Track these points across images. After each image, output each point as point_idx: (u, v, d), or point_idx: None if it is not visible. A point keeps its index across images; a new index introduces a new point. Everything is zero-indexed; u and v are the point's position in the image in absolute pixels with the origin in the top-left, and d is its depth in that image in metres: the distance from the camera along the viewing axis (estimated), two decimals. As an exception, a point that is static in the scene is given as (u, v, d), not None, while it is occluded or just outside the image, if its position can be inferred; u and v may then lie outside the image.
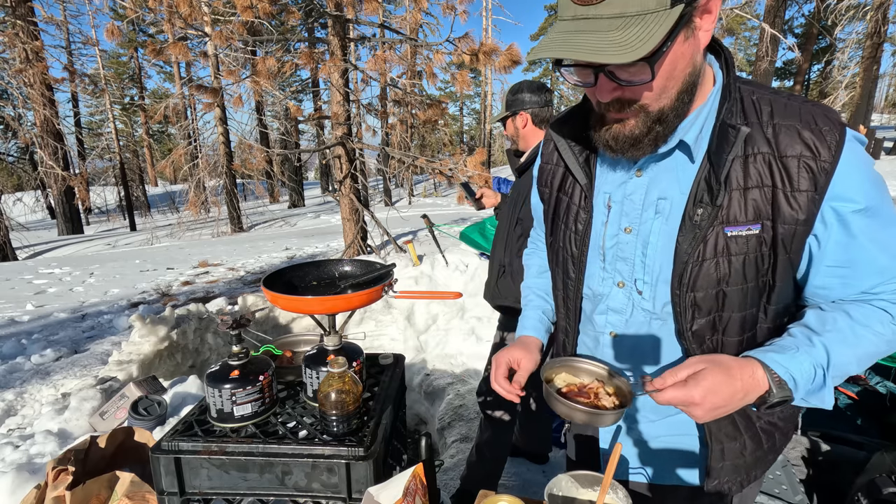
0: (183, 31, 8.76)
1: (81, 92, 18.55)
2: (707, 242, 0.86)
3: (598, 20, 0.73)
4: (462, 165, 7.37)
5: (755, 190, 0.83)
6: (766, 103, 0.85)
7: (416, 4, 7.86)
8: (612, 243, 0.98)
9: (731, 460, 1.00)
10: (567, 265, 1.06)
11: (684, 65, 0.80)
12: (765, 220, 0.83)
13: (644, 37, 0.70)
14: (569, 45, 0.73)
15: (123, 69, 25.75)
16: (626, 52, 0.70)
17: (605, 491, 0.89)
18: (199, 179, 14.32)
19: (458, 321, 4.36)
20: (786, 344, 0.84)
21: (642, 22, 0.71)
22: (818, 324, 0.86)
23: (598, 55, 0.71)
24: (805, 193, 0.81)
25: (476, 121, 35.81)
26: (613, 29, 0.72)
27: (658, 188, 0.91)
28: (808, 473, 2.15)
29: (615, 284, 0.99)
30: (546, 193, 1.12)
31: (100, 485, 1.58)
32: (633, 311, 0.98)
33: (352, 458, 1.05)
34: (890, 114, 33.29)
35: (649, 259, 0.93)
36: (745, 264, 0.85)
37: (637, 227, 0.94)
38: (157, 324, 3.72)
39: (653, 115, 0.83)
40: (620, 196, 0.96)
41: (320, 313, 1.25)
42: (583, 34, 0.73)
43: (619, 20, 0.72)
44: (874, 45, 12.56)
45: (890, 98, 34.13)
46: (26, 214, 17.94)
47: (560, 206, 1.07)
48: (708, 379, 0.79)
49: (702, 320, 0.90)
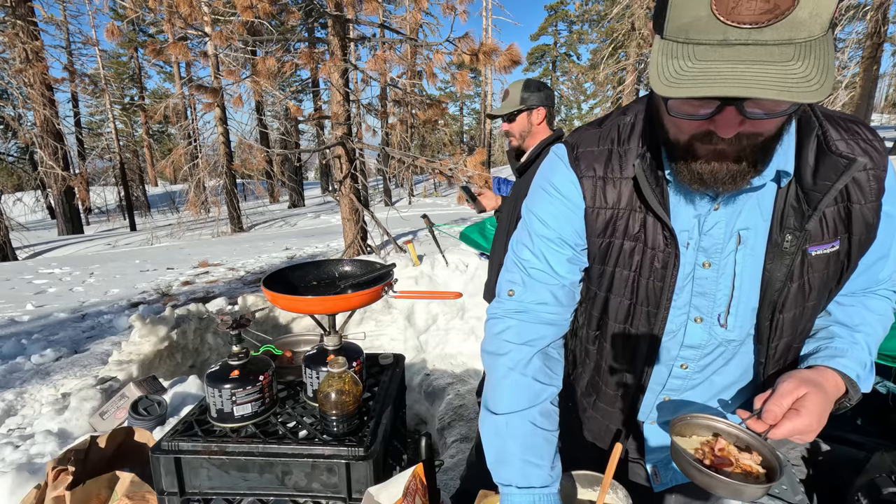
0: (183, 31, 8.76)
1: (81, 92, 18.54)
2: (794, 266, 0.85)
3: (764, 47, 0.60)
4: (462, 165, 7.37)
5: (832, 208, 0.84)
6: (817, 117, 0.85)
7: (416, 4, 7.86)
8: (688, 281, 0.91)
9: None
10: (636, 317, 0.96)
11: None
12: (842, 234, 0.85)
13: (823, 68, 0.60)
14: (746, 81, 0.60)
15: (123, 69, 25.75)
16: (817, 88, 0.59)
17: (605, 491, 0.89)
18: (199, 179, 14.32)
19: (458, 321, 4.36)
20: (839, 346, 0.89)
21: (815, 51, 0.60)
22: (848, 319, 0.93)
23: (792, 94, 0.59)
24: (872, 203, 0.83)
25: (476, 121, 35.81)
26: (791, 59, 0.60)
27: (739, 219, 0.86)
28: (808, 473, 2.15)
29: (691, 320, 0.93)
30: (602, 242, 0.94)
31: (100, 485, 1.58)
32: (713, 344, 0.95)
33: (352, 458, 1.05)
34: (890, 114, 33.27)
35: (737, 291, 0.90)
36: (826, 278, 0.89)
37: (718, 261, 0.89)
38: (157, 324, 3.72)
39: (759, 146, 0.73)
40: (697, 232, 0.89)
41: (320, 313, 1.25)
42: (755, 66, 0.60)
43: (790, 48, 0.60)
44: (874, 45, 12.55)
45: (890, 98, 34.11)
46: (26, 214, 17.94)
47: (624, 254, 0.93)
48: (815, 402, 0.80)
49: (788, 338, 0.92)
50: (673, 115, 0.73)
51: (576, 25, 31.38)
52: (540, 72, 34.48)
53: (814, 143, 0.82)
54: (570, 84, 31.77)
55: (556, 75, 33.59)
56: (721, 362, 0.97)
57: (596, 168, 0.92)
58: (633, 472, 1.18)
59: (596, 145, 0.93)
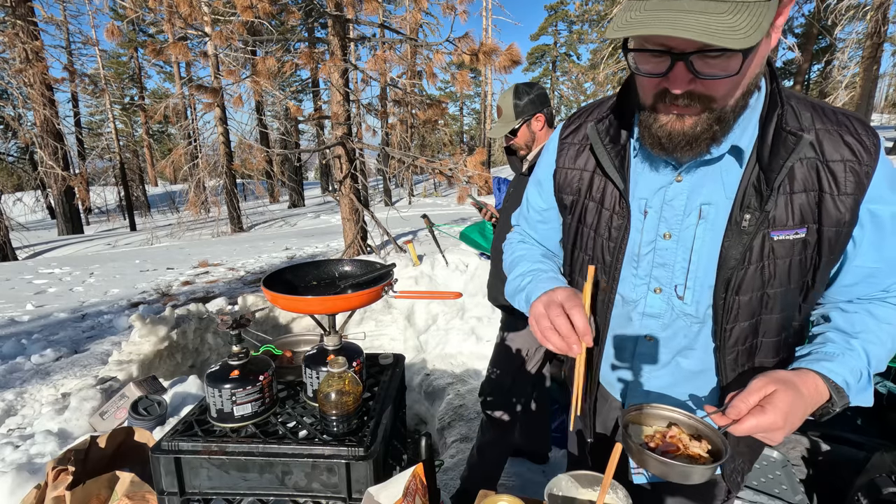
0: (183, 31, 8.76)
1: (81, 92, 18.53)
2: (754, 247, 0.86)
3: (704, 1, 0.68)
4: (462, 165, 7.37)
5: (801, 194, 0.84)
6: (807, 110, 0.86)
7: (416, 4, 7.86)
8: (649, 249, 0.96)
9: (745, 443, 1.04)
10: (588, 265, 1.03)
11: (758, 63, 0.78)
12: (810, 223, 0.84)
13: (755, 24, 0.66)
14: (676, 23, 0.67)
15: (123, 69, 25.74)
16: (742, 38, 0.66)
17: (605, 491, 0.89)
18: (199, 179, 14.32)
19: (458, 321, 4.36)
20: (830, 351, 0.86)
21: (750, 9, 0.68)
22: (849, 326, 0.88)
23: (713, 37, 0.66)
24: (850, 197, 0.82)
25: (476, 121, 35.83)
26: (724, 12, 0.67)
27: (701, 193, 0.89)
28: (808, 473, 2.15)
29: (651, 290, 0.97)
30: (570, 200, 1.05)
31: (100, 485, 1.58)
32: (672, 315, 0.97)
33: (352, 458, 1.05)
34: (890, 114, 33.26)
35: (693, 265, 0.92)
36: (790, 267, 0.87)
37: (678, 232, 0.92)
38: (157, 324, 3.72)
39: (715, 113, 0.79)
40: (659, 202, 0.93)
41: (320, 313, 1.25)
42: (690, 14, 0.68)
43: (728, 4, 0.67)
44: (874, 45, 12.55)
45: (890, 98, 34.10)
46: (26, 214, 17.93)
47: (588, 213, 1.02)
48: (783, 400, 0.77)
49: (744, 323, 0.91)
50: (637, 74, 0.80)
51: (576, 25, 31.40)
52: (540, 72, 34.49)
53: (774, 122, 0.85)
54: (570, 84, 31.79)
55: (556, 75, 33.60)
56: (684, 341, 0.98)
57: (573, 135, 1.05)
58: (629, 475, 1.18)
59: (580, 116, 1.06)
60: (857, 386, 0.84)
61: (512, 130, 2.10)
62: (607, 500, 0.90)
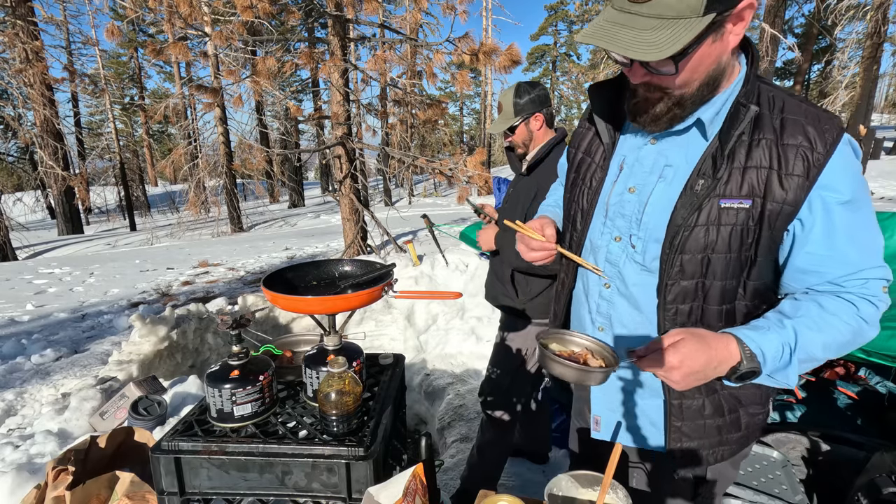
0: (183, 31, 8.76)
1: (81, 92, 18.54)
2: (702, 211, 0.94)
3: (638, 17, 0.83)
4: (462, 165, 7.37)
5: (753, 170, 0.92)
6: (781, 100, 0.95)
7: (416, 4, 7.86)
8: (617, 200, 1.07)
9: (690, 420, 1.07)
10: (576, 218, 1.16)
11: (710, 62, 0.90)
12: (756, 196, 0.92)
13: (672, 40, 0.81)
14: (610, 38, 0.84)
15: (123, 69, 25.74)
16: (653, 52, 0.81)
17: (605, 491, 0.89)
18: (199, 179, 14.32)
19: (458, 321, 4.36)
20: (759, 324, 0.93)
21: (674, 26, 0.81)
22: (791, 310, 0.94)
23: (628, 51, 0.82)
24: (796, 178, 0.89)
25: (476, 121, 35.82)
26: (648, 29, 0.82)
27: (666, 157, 1.01)
28: (808, 473, 2.15)
29: (612, 238, 1.08)
30: (572, 154, 1.22)
31: (100, 485, 1.58)
32: (625, 263, 1.06)
33: (352, 458, 1.05)
34: (890, 114, 33.27)
35: (646, 217, 1.01)
36: (731, 235, 0.94)
37: (641, 188, 1.03)
38: (157, 324, 3.72)
39: (674, 99, 0.93)
40: (633, 159, 1.06)
41: (320, 313, 1.25)
42: (623, 29, 0.84)
43: (656, 21, 0.82)
44: (874, 45, 12.54)
45: (890, 98, 34.12)
46: (26, 214, 17.93)
47: (582, 165, 1.17)
48: (686, 346, 0.87)
49: (685, 282, 0.99)
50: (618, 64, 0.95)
51: (576, 25, 31.36)
52: (540, 72, 34.48)
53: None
54: (570, 84, 31.78)
55: (556, 75, 33.59)
56: (634, 291, 1.06)
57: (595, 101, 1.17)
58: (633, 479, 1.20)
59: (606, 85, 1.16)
60: (777, 361, 0.89)
61: (510, 127, 2.11)
62: (607, 500, 0.90)
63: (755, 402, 1.10)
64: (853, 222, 0.91)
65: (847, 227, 0.91)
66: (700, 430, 1.08)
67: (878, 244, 0.94)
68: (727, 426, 1.08)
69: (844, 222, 0.90)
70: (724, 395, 1.07)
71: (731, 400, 1.07)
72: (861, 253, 0.92)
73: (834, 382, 2.70)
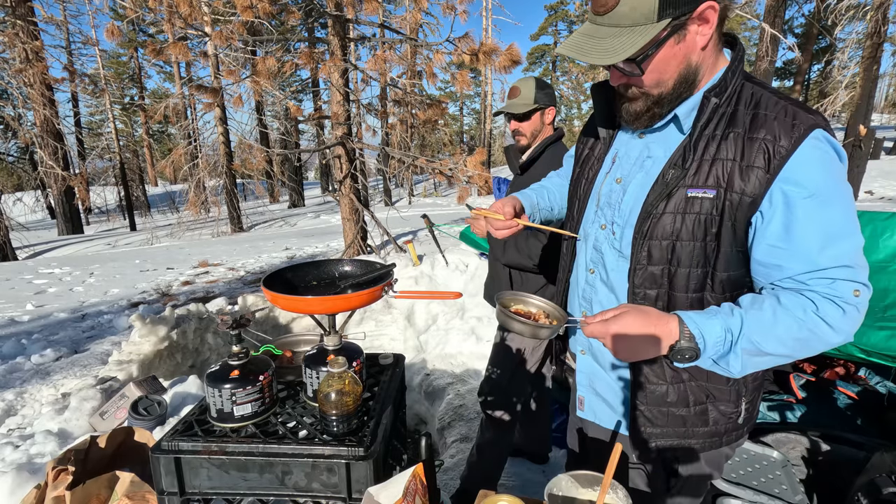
0: (183, 30, 8.76)
1: (81, 92, 18.53)
2: (671, 199, 1.00)
3: (601, 28, 0.93)
4: (462, 165, 7.37)
5: (720, 162, 0.95)
6: (759, 96, 0.97)
7: (416, 4, 7.86)
8: (606, 191, 1.14)
9: (654, 405, 1.10)
10: (574, 208, 1.24)
11: (677, 63, 0.95)
12: (720, 187, 0.95)
13: (626, 46, 0.89)
14: (577, 49, 0.95)
15: (123, 69, 25.74)
16: (607, 57, 0.91)
17: (605, 491, 0.89)
18: (199, 179, 14.31)
19: (458, 321, 4.36)
20: (710, 310, 0.96)
21: (630, 33, 0.90)
22: (748, 302, 0.95)
23: (587, 57, 0.93)
24: (756, 170, 0.92)
25: (476, 121, 35.79)
26: (608, 37, 0.92)
27: (649, 149, 1.08)
28: (808, 473, 2.15)
29: (599, 226, 1.14)
30: (579, 149, 1.29)
31: (100, 485, 1.58)
32: (607, 249, 1.12)
33: (352, 458, 1.05)
34: (890, 114, 33.27)
35: (623, 205, 1.08)
36: (695, 223, 0.98)
37: (625, 178, 1.10)
38: (157, 324, 3.72)
39: (652, 98, 1.00)
40: (623, 153, 1.13)
41: (320, 313, 1.25)
42: (590, 39, 0.94)
43: (615, 30, 0.91)
44: (874, 45, 12.52)
45: (890, 98, 34.12)
46: (26, 214, 17.92)
47: (585, 160, 1.24)
48: (627, 316, 0.94)
49: (652, 268, 1.04)
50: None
51: (576, 25, 31.39)
52: (540, 72, 34.49)
53: None
54: (570, 84, 31.79)
55: (556, 75, 33.60)
56: (612, 276, 1.12)
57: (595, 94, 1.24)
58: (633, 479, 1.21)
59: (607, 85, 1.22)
60: (719, 347, 0.91)
61: (527, 112, 2.12)
62: (607, 500, 0.90)
63: (726, 399, 1.09)
64: (818, 218, 0.89)
65: (809, 223, 0.89)
66: (663, 418, 1.10)
67: (851, 245, 0.90)
68: (692, 418, 1.10)
69: (807, 217, 0.89)
70: (690, 386, 1.08)
71: (699, 392, 1.09)
72: (825, 251, 0.89)
73: (834, 382, 2.70)
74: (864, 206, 9.45)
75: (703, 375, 1.06)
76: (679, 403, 1.09)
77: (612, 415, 1.19)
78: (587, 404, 1.25)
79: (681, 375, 1.08)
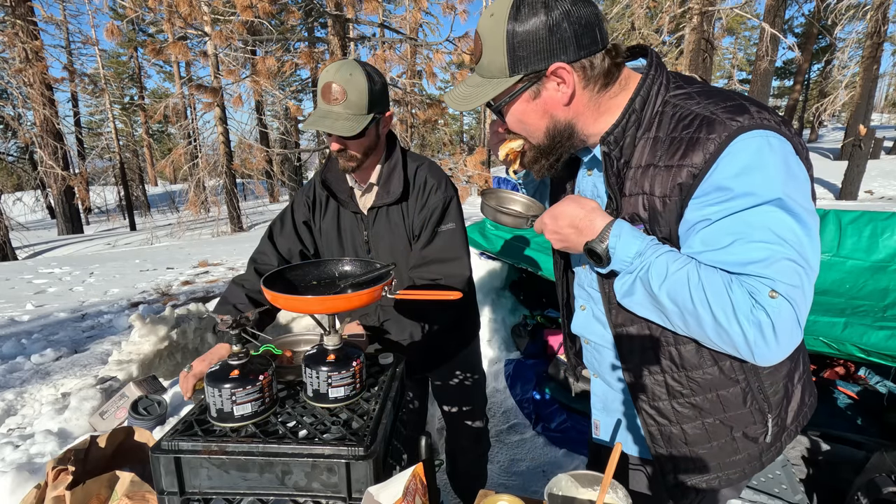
0: (183, 30, 8.76)
1: (81, 92, 18.55)
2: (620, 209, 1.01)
3: (475, 77, 1.03)
4: (462, 165, 7.37)
5: (639, 168, 0.96)
6: (678, 113, 0.93)
7: (416, 4, 7.87)
8: None
9: (675, 448, 1.09)
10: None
11: (538, 116, 0.99)
12: (644, 222, 0.98)
13: (481, 95, 0.98)
14: (453, 96, 1.05)
15: (123, 69, 25.74)
16: (465, 103, 1.02)
17: (605, 491, 0.89)
18: (199, 179, 14.31)
19: (458, 321, 4.35)
20: (646, 235, 0.96)
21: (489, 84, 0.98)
22: (678, 253, 0.94)
23: (452, 104, 1.04)
24: (673, 200, 0.92)
25: (476, 121, 35.76)
26: (474, 86, 1.01)
27: (596, 187, 1.11)
28: (808, 473, 2.16)
29: (581, 265, 1.20)
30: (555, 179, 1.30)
31: (100, 485, 1.58)
32: (590, 283, 1.16)
33: (352, 457, 1.05)
34: (890, 114, 33.29)
35: None
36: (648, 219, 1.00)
37: None
38: (157, 324, 3.72)
39: (535, 149, 1.06)
40: (578, 189, 1.18)
41: (320, 313, 1.25)
42: (464, 86, 1.05)
43: (481, 80, 1.00)
44: (874, 45, 12.52)
45: (890, 98, 34.12)
46: (26, 214, 17.93)
47: (558, 189, 1.27)
48: (561, 205, 1.01)
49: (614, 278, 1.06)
50: None
51: (576, 25, 31.29)
52: (540, 71, 34.42)
53: None
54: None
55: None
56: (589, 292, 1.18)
57: None
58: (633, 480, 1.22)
59: None
60: (624, 265, 0.95)
61: None
62: (607, 500, 0.90)
63: (750, 423, 1.06)
64: (740, 222, 0.85)
65: (727, 229, 0.86)
66: (689, 463, 1.09)
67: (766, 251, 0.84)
68: (714, 455, 1.08)
69: (727, 223, 0.86)
70: (708, 421, 1.05)
71: (720, 427, 1.06)
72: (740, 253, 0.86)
73: (834, 382, 2.70)
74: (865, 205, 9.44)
75: (717, 409, 1.03)
76: (701, 440, 1.07)
77: (631, 444, 1.20)
78: (602, 428, 1.27)
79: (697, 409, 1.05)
